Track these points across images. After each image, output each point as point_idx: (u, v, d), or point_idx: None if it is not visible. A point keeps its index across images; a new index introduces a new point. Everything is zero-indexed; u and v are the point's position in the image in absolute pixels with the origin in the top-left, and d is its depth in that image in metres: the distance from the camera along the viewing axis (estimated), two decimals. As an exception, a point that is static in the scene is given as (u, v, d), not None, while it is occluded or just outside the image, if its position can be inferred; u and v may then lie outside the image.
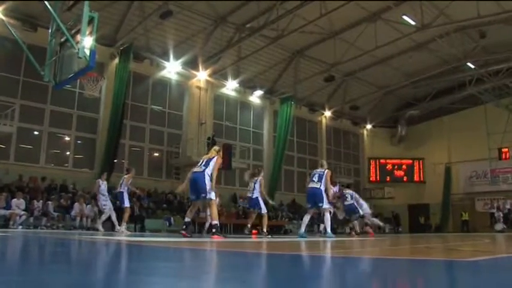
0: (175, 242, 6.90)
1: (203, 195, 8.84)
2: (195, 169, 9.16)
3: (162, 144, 23.06)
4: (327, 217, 11.06)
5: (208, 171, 8.92)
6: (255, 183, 12.54)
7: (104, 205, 14.03)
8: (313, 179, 11.07)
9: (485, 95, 28.50)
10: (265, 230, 12.08)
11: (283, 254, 4.62)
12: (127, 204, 13.31)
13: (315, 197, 10.95)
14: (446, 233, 26.22)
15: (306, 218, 11.34)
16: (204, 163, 9.11)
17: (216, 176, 9.05)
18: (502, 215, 25.08)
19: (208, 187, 8.82)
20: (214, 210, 9.11)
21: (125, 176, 13.66)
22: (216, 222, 9.00)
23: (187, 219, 9.26)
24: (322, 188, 10.85)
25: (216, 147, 9.85)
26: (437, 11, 20.92)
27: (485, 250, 5.50)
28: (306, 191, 11.40)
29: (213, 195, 8.93)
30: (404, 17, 21.38)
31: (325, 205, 10.92)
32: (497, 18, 21.36)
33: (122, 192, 13.30)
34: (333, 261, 3.75)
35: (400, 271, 2.97)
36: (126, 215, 13.35)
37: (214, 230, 8.84)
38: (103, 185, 14.20)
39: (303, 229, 11.10)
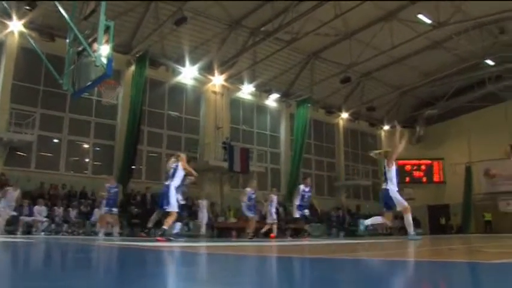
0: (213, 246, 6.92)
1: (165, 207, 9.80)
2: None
3: (180, 149, 23.10)
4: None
5: (174, 183, 9.86)
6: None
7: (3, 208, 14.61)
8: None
9: (505, 93, 28.07)
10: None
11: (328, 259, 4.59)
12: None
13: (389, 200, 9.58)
14: (468, 234, 25.89)
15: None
16: (171, 174, 10.03)
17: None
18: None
19: (171, 200, 9.73)
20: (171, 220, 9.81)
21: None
22: (166, 228, 9.70)
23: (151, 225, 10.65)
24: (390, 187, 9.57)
25: (178, 154, 10.61)
26: (454, 8, 20.73)
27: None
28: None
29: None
30: (420, 16, 21.21)
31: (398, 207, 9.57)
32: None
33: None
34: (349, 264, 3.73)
35: (423, 274, 2.94)
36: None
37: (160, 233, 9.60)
38: (8, 193, 14.71)
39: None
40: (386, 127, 33.19)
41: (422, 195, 31.44)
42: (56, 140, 19.96)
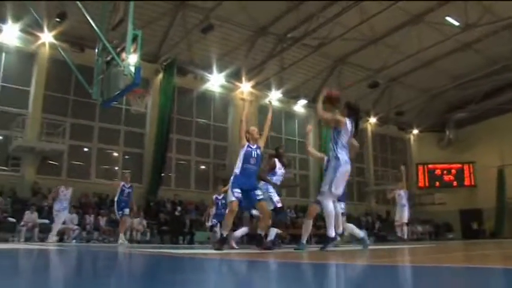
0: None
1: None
2: None
3: (208, 156, 23.25)
4: None
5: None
6: None
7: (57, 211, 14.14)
8: None
9: (537, 94, 27.48)
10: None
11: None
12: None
13: None
14: (502, 239, 25.29)
15: None
16: None
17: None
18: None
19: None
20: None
21: None
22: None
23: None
24: None
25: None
26: (483, 9, 20.36)
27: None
28: None
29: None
30: (448, 18, 20.89)
31: None
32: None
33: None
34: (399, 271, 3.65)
35: (457, 280, 2.86)
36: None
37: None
38: (61, 192, 14.20)
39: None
40: (415, 131, 32.81)
41: (454, 200, 30.91)
42: (86, 149, 20.30)
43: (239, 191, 7.50)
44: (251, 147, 8.08)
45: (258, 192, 7.66)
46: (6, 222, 15.22)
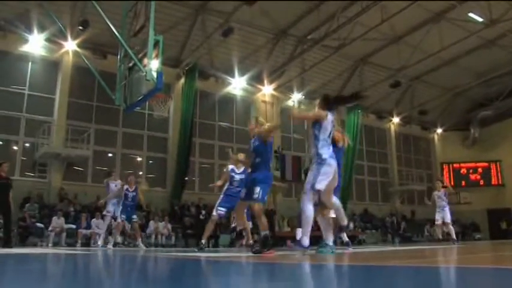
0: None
1: None
2: None
3: (232, 159, 23.25)
4: None
5: None
6: None
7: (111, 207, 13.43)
8: None
9: None
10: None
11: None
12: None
13: None
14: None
15: None
16: None
17: None
18: None
19: None
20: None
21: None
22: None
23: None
24: None
25: None
26: (507, 4, 20.00)
27: None
28: None
29: None
30: (471, 15, 20.59)
31: None
32: None
33: None
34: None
35: (487, 282, 2.83)
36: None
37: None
38: (110, 186, 13.39)
39: None
40: (439, 130, 32.40)
41: (481, 199, 30.36)
42: (110, 154, 20.53)
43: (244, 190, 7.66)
44: (250, 143, 7.79)
45: (257, 189, 7.45)
46: (35, 228, 15.54)
